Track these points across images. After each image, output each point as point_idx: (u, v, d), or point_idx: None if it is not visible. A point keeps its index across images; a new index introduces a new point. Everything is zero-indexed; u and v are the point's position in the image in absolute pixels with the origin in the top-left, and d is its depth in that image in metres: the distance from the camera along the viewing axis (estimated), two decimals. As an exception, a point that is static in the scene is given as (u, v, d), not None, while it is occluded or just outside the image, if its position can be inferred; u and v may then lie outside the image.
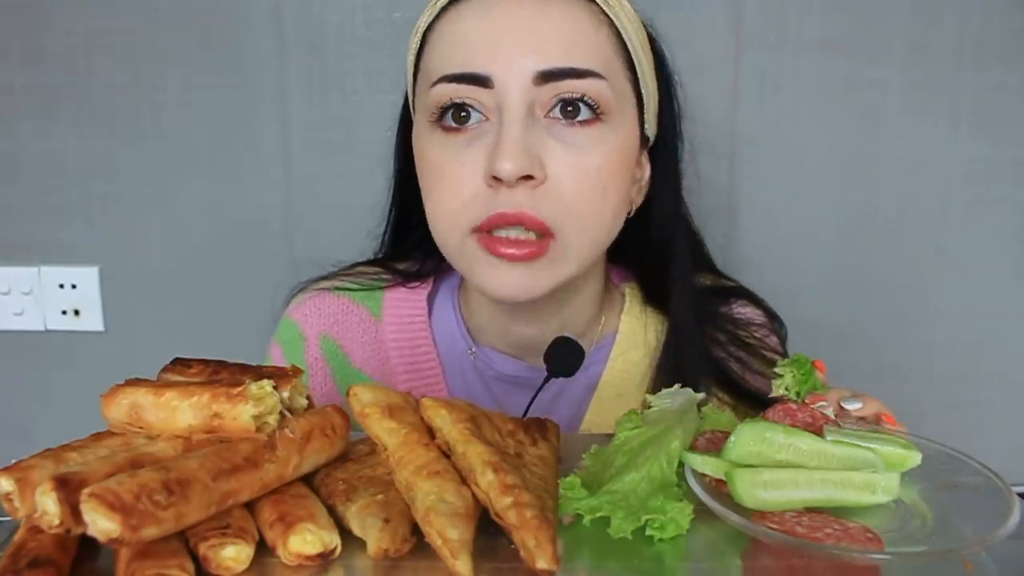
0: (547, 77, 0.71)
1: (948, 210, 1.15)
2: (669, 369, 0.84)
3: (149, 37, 1.12)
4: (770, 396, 0.67)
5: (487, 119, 0.72)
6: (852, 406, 0.64)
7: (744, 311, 0.90)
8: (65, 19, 1.12)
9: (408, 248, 0.90)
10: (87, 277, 1.19)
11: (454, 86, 0.72)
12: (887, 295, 1.17)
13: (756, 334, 0.88)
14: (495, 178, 0.70)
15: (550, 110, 0.72)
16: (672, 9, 1.08)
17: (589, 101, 0.72)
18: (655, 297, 0.88)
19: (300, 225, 1.17)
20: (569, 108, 0.72)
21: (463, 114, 0.73)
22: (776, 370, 0.67)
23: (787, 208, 1.15)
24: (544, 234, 0.72)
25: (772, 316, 0.92)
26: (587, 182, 0.72)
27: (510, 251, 0.72)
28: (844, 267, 1.16)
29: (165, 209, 1.17)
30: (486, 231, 0.72)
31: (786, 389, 0.66)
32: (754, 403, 0.82)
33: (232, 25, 1.11)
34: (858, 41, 1.10)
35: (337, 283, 0.89)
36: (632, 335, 0.87)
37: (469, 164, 0.72)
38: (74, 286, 1.19)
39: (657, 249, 0.85)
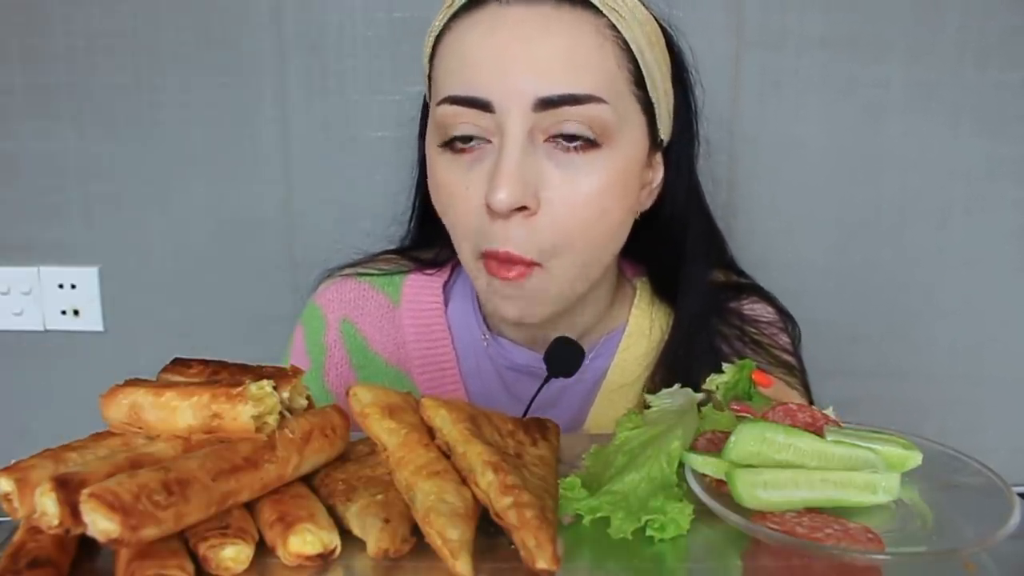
0: (547, 104, 0.71)
1: (949, 208, 1.14)
2: (671, 361, 0.85)
3: (149, 37, 1.12)
4: (702, 387, 0.67)
5: (489, 141, 0.74)
6: None
7: (754, 308, 0.90)
8: (65, 19, 1.12)
9: (429, 237, 0.92)
10: (87, 277, 1.19)
11: (457, 108, 0.74)
12: (888, 293, 1.17)
13: (765, 331, 0.88)
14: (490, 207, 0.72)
15: (549, 137, 0.73)
16: (672, 7, 1.08)
17: (587, 134, 0.72)
18: (664, 291, 0.89)
19: (300, 225, 1.16)
20: (567, 138, 0.73)
21: (466, 138, 0.74)
22: (724, 365, 0.67)
23: (787, 206, 1.15)
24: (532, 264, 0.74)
25: (785, 315, 0.91)
26: (583, 207, 0.74)
27: (501, 272, 0.74)
28: (844, 265, 1.16)
29: (165, 209, 1.17)
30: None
31: (716, 387, 0.66)
32: None
33: (232, 25, 1.11)
34: (859, 39, 1.10)
35: (360, 269, 0.93)
36: (640, 328, 0.88)
37: (472, 188, 0.74)
38: (74, 286, 1.19)
39: (669, 246, 0.85)
